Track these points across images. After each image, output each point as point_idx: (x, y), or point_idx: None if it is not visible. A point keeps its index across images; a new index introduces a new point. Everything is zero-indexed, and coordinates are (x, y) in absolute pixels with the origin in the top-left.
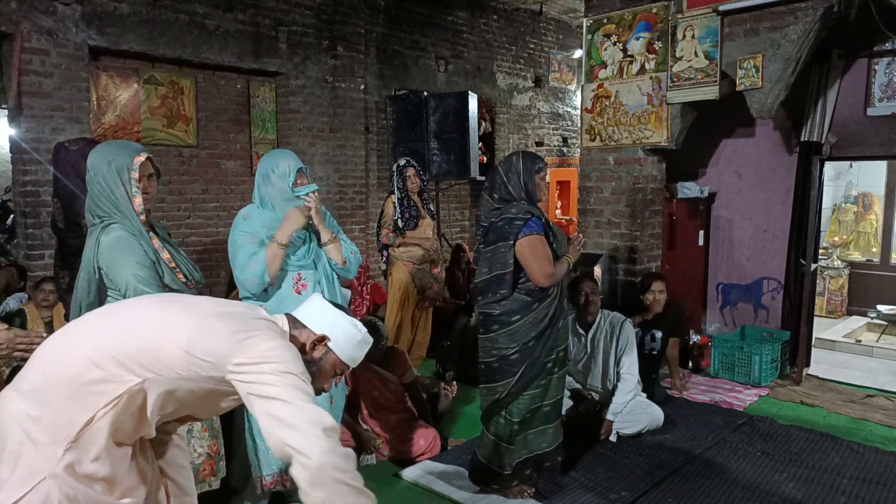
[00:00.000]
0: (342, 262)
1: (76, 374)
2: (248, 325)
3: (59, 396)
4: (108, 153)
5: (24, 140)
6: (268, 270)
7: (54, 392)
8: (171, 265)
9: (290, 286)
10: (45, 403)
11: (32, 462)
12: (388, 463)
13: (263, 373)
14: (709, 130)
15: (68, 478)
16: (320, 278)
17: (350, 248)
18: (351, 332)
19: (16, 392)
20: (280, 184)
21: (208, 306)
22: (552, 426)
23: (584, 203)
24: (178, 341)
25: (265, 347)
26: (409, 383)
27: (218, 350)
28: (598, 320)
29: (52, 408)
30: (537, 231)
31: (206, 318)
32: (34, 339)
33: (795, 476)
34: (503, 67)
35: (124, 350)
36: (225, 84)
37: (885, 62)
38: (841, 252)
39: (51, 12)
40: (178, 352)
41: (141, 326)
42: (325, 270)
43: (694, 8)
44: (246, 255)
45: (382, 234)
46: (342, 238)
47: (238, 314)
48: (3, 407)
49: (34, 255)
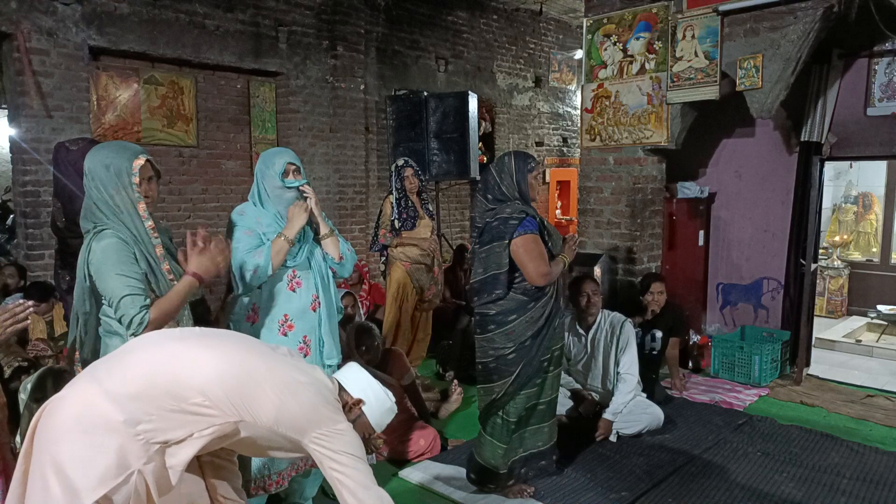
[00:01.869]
0: (339, 257)
1: (183, 396)
2: (324, 399)
3: (161, 409)
4: (106, 156)
5: (24, 140)
6: (271, 263)
7: (157, 403)
8: (169, 277)
9: (285, 283)
10: (143, 411)
11: (125, 455)
12: (388, 463)
13: (339, 452)
14: (709, 130)
15: (150, 478)
16: (315, 278)
17: (346, 245)
18: (382, 399)
19: (103, 391)
20: (272, 178)
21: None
22: (547, 424)
23: (584, 203)
24: (265, 417)
25: (340, 428)
26: (409, 384)
27: (299, 426)
28: (599, 320)
29: (150, 417)
30: (532, 230)
31: (287, 396)
32: (15, 310)
33: (795, 476)
34: (503, 67)
35: (229, 390)
36: (225, 84)
37: (885, 62)
38: (841, 252)
39: (51, 12)
40: (266, 423)
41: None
42: (321, 269)
43: (694, 8)
44: (246, 248)
45: (381, 235)
46: (338, 235)
47: (312, 385)
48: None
49: (34, 255)
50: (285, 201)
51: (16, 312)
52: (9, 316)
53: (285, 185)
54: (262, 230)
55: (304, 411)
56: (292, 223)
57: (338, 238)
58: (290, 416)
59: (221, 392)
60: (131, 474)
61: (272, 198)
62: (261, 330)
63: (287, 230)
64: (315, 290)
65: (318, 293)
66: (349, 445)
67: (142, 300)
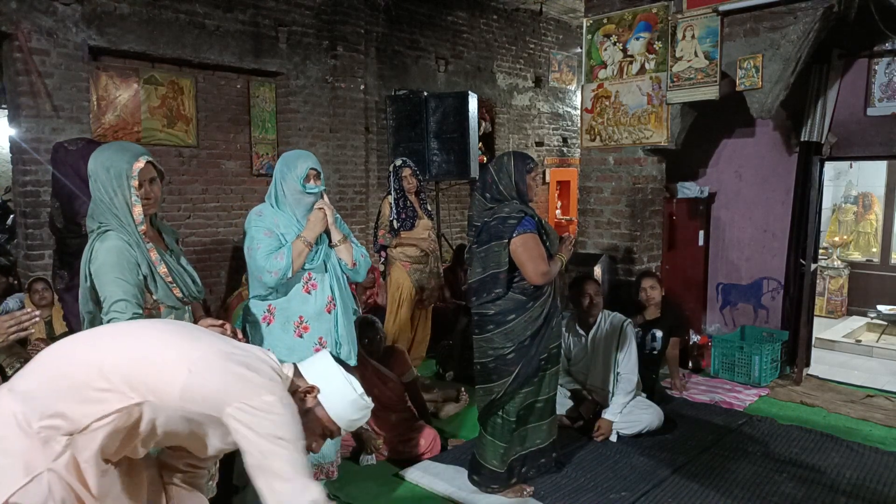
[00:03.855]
0: (352, 263)
1: (83, 381)
2: (253, 371)
3: (62, 398)
4: (107, 158)
5: (24, 140)
6: (292, 265)
7: (58, 394)
8: (167, 279)
9: (301, 285)
10: (44, 404)
11: (31, 456)
12: (388, 463)
13: (259, 433)
14: (709, 130)
15: (67, 475)
16: (331, 280)
17: (360, 251)
18: (344, 388)
19: (10, 392)
20: (293, 181)
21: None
22: (546, 422)
23: (584, 203)
24: (171, 390)
25: (266, 400)
26: (409, 383)
27: (213, 399)
28: (599, 321)
29: (53, 409)
30: (531, 230)
31: (200, 364)
32: (21, 318)
33: (795, 476)
34: (503, 67)
35: (129, 370)
36: (225, 84)
37: (885, 62)
38: (841, 252)
39: (51, 12)
40: (172, 399)
41: (146, 354)
42: (336, 272)
43: (694, 8)
44: (268, 249)
45: (379, 235)
46: (353, 241)
47: (240, 355)
48: (1, 407)
49: (34, 255)
50: (304, 205)
51: (21, 320)
52: (14, 323)
53: (306, 190)
54: (281, 231)
55: (220, 380)
56: (313, 227)
57: (352, 244)
58: (201, 387)
59: (120, 372)
60: (39, 475)
61: (290, 201)
62: (276, 331)
63: (307, 232)
64: (330, 291)
65: (334, 295)
66: (276, 426)
67: (133, 307)
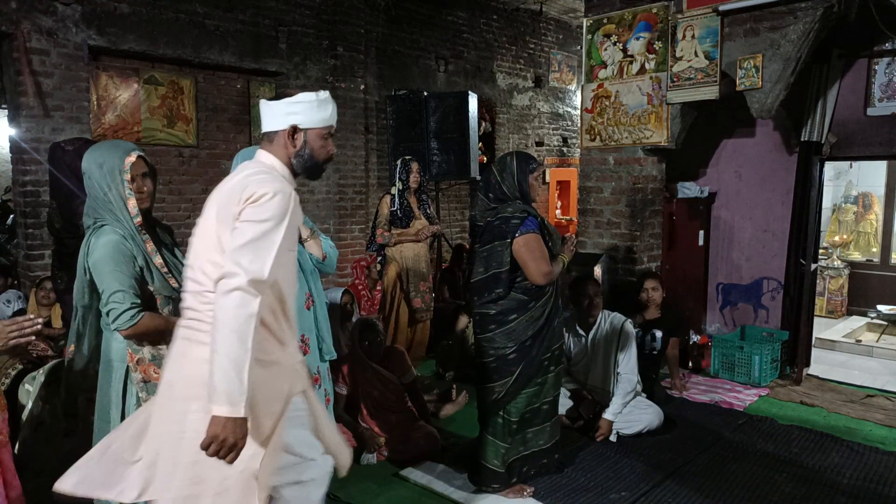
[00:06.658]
0: (322, 256)
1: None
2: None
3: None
4: (100, 155)
5: (24, 140)
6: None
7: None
8: (163, 270)
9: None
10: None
11: None
12: (388, 463)
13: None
14: (709, 130)
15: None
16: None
17: (328, 242)
18: (307, 102)
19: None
20: None
21: None
22: (550, 424)
23: (584, 203)
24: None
25: (261, 191)
26: (409, 383)
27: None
28: (599, 321)
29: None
30: (534, 230)
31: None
32: (24, 323)
33: (795, 476)
34: (503, 67)
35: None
36: (225, 84)
37: (885, 62)
38: (841, 252)
39: (51, 12)
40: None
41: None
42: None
43: (694, 8)
44: None
45: (378, 235)
46: (319, 234)
47: None
48: None
49: (34, 255)
50: None
51: (24, 327)
52: (16, 328)
53: None
54: None
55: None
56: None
57: (320, 238)
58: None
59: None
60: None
61: None
62: None
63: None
64: (308, 288)
65: (311, 291)
66: (260, 210)
67: (131, 297)
